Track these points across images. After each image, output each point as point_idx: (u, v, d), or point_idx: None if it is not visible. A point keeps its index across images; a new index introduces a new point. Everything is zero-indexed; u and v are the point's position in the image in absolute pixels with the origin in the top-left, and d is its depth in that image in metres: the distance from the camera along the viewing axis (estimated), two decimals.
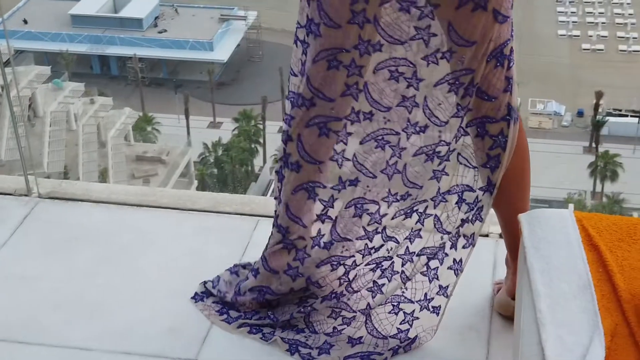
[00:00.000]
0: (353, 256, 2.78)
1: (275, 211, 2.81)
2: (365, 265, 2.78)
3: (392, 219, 2.72)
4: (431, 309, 2.75)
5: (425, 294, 2.76)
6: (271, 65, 65.27)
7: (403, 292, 2.77)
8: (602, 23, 70.93)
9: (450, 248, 2.70)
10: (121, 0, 68.82)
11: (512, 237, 2.69)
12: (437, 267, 2.72)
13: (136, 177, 43.04)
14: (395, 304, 2.78)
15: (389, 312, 2.78)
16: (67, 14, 66.66)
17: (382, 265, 2.77)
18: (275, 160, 52.58)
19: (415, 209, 2.70)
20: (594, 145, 54.40)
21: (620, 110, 59.03)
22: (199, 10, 71.30)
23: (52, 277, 3.13)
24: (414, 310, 2.77)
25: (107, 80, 64.45)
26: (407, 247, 2.73)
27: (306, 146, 2.64)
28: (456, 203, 2.67)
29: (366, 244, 2.76)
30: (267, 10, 73.13)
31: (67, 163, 39.85)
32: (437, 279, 2.73)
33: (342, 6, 2.38)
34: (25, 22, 65.25)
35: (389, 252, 2.76)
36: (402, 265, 2.75)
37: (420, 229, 2.72)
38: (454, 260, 2.71)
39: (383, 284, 2.78)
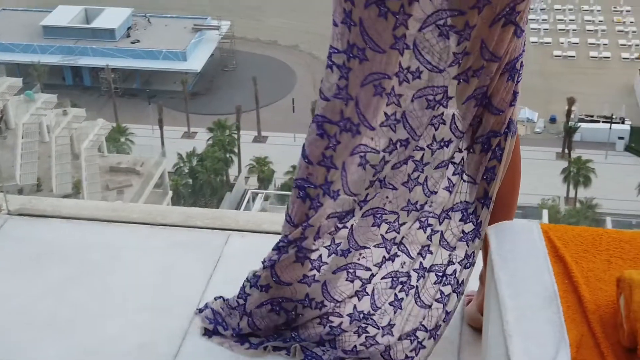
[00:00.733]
0: (370, 269, 2.77)
1: (287, 234, 2.75)
2: (382, 278, 2.78)
3: (409, 228, 2.72)
4: (436, 337, 2.75)
5: (437, 323, 2.75)
6: (245, 74, 65.29)
7: (421, 321, 2.75)
8: (573, 30, 71.64)
9: (455, 270, 2.71)
10: (93, 11, 68.55)
11: None
12: (450, 294, 2.72)
13: (110, 188, 42.77)
14: (412, 333, 2.76)
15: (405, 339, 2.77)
16: (38, 25, 66.27)
17: (401, 279, 2.76)
18: (254, 170, 52.62)
19: (429, 223, 2.70)
20: (566, 151, 54.88)
21: (592, 116, 59.60)
22: (171, 20, 71.18)
23: (22, 295, 3.11)
24: (424, 339, 2.75)
25: (80, 92, 64.11)
26: (421, 262, 2.73)
27: (349, 177, 2.61)
28: (460, 220, 2.67)
29: (384, 255, 2.75)
30: (241, 20, 73.16)
31: (40, 175, 39.51)
32: (446, 304, 2.73)
33: (385, 31, 2.39)
34: None
35: (402, 267, 2.76)
36: (417, 280, 2.75)
37: (429, 245, 2.72)
38: (457, 282, 2.71)
39: (402, 298, 2.77)
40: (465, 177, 2.64)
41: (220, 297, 2.94)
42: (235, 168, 53.87)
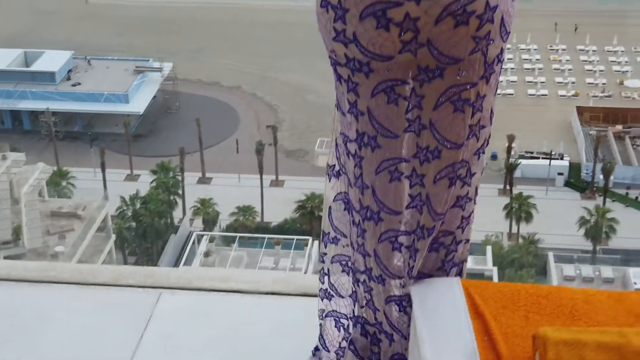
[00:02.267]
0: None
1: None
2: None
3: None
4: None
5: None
6: (188, 116, 65.14)
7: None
8: (511, 68, 73.16)
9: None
10: (33, 54, 67.94)
11: None
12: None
13: (51, 233, 42.15)
14: None
15: None
16: None
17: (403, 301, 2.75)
18: (198, 211, 52.23)
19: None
20: (508, 187, 55.71)
21: (532, 153, 60.73)
22: (113, 62, 70.87)
23: None
24: None
25: (20, 135, 63.26)
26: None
27: (384, 260, 2.59)
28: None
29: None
30: (183, 62, 73.15)
31: None
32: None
33: (397, 116, 2.37)
34: None
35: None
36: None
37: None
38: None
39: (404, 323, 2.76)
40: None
41: None
42: (179, 210, 53.49)
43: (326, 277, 2.81)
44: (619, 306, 2.39)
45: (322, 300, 2.84)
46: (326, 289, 2.82)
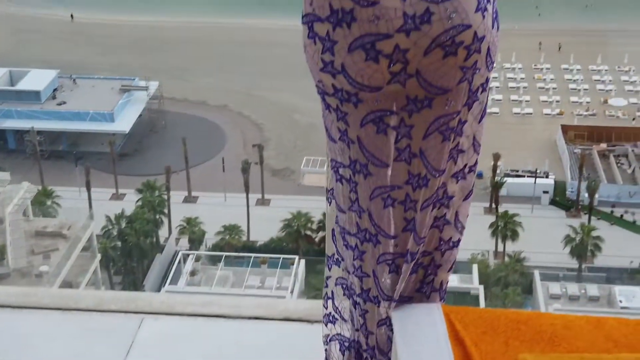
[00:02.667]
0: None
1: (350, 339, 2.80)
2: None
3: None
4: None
5: None
6: (174, 134, 65.06)
7: None
8: (496, 87, 73.48)
9: None
10: (18, 72, 67.80)
11: None
12: None
13: (36, 252, 41.93)
14: None
15: None
16: None
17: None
18: (184, 230, 52.07)
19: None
20: (494, 205, 55.85)
21: (517, 171, 60.94)
22: (98, 81, 70.79)
23: None
24: None
25: (4, 155, 63.01)
26: None
27: (381, 283, 2.60)
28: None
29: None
30: (169, 80, 73.11)
31: None
32: None
33: (386, 145, 2.38)
34: None
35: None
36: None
37: None
38: None
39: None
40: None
41: None
42: (165, 229, 53.31)
43: (330, 301, 2.83)
44: (597, 332, 2.41)
45: (326, 325, 2.86)
46: (330, 313, 2.84)
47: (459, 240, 2.60)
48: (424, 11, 2.16)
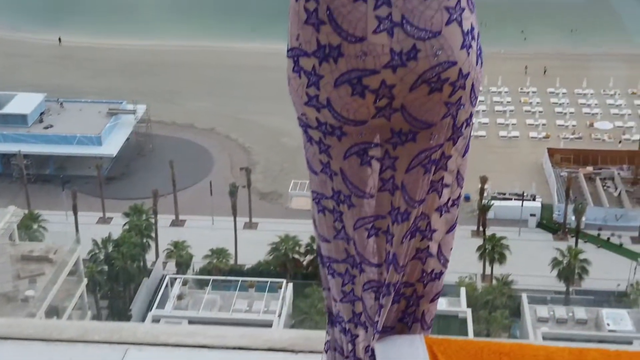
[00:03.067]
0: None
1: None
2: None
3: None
4: None
5: None
6: (162, 158, 64.98)
7: None
8: (483, 110, 73.87)
9: None
10: (4, 96, 67.68)
11: None
12: None
13: (22, 277, 41.63)
14: None
15: None
16: None
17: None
18: (172, 254, 51.85)
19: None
20: (481, 228, 55.95)
21: (504, 194, 61.11)
22: (86, 104, 70.75)
23: None
24: None
25: None
26: None
27: (368, 310, 2.61)
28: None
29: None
30: (157, 104, 73.15)
31: None
32: None
33: (370, 177, 2.40)
34: None
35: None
36: None
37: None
38: None
39: None
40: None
41: None
42: (152, 253, 53.10)
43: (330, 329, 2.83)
44: None
45: (325, 352, 2.85)
46: (328, 341, 2.84)
47: (441, 273, 2.62)
48: (410, 48, 2.18)
